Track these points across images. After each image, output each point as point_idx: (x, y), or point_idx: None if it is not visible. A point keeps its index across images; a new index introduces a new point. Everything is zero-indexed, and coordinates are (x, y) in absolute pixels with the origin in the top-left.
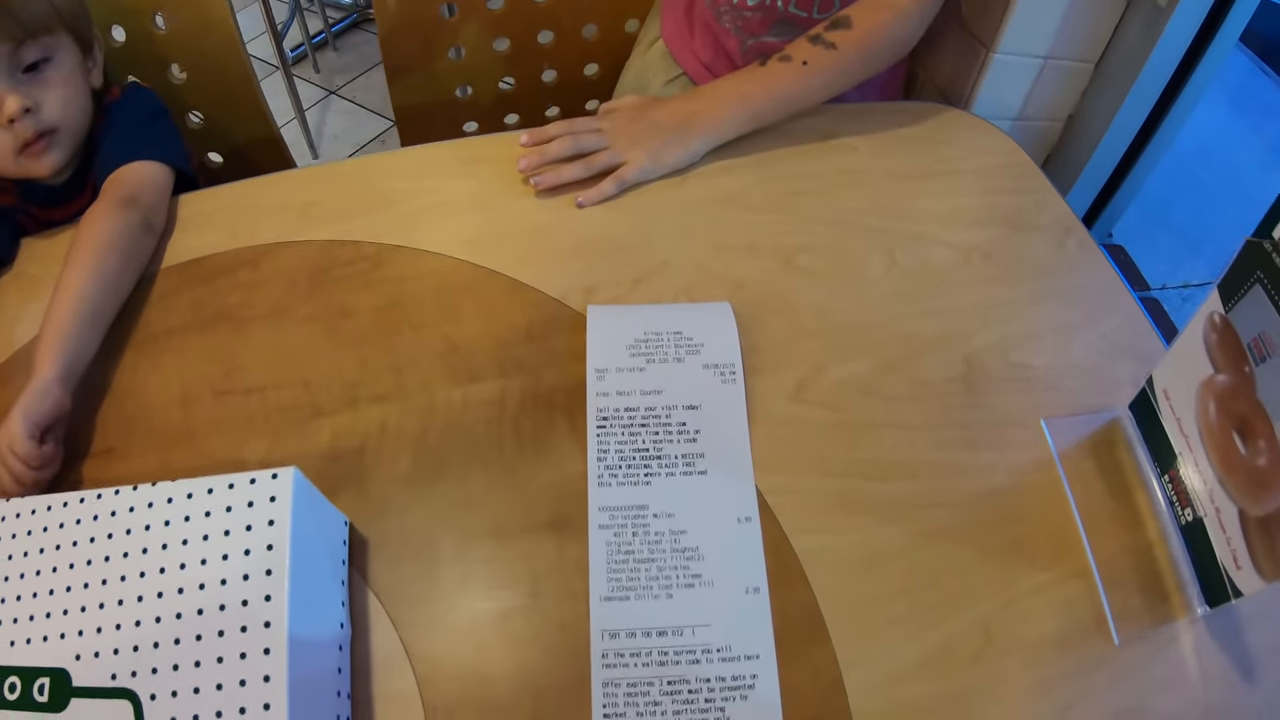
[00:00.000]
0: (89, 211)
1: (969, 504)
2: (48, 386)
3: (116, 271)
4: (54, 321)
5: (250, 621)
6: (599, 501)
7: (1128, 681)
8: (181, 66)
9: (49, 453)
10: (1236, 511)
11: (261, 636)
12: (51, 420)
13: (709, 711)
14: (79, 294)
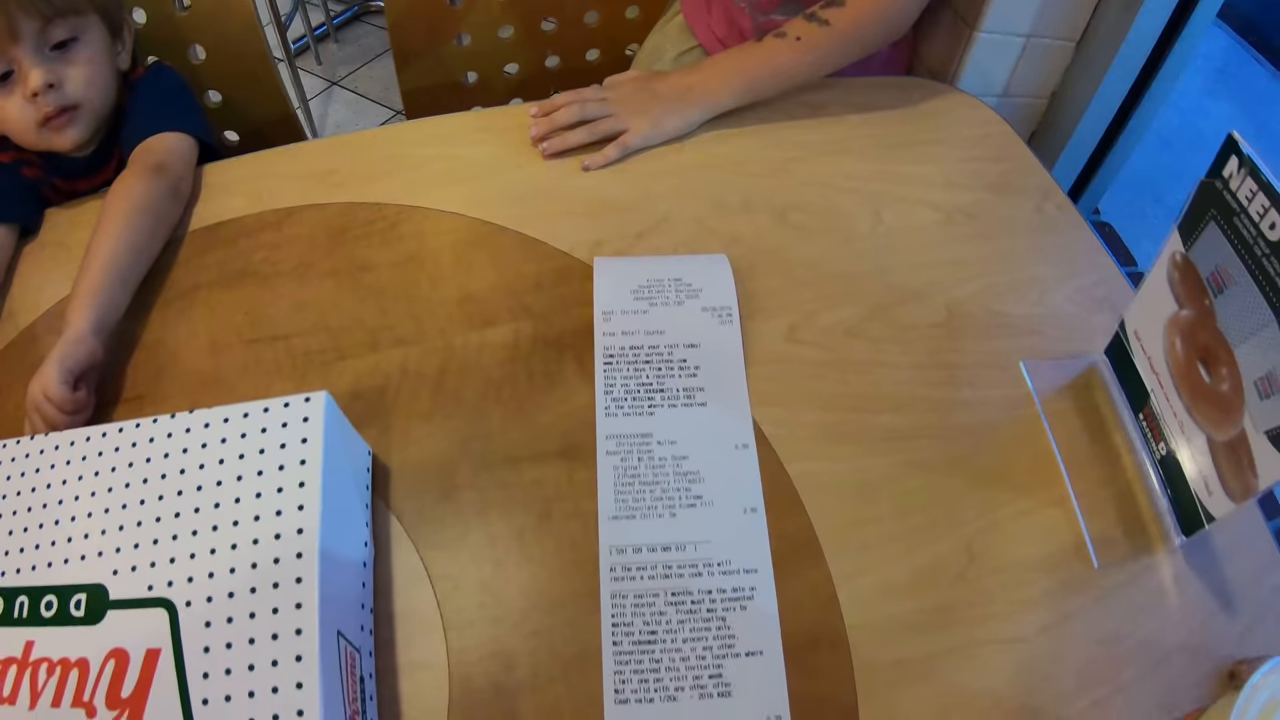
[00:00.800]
0: (120, 178)
1: (952, 436)
2: (81, 336)
3: (146, 233)
4: (86, 279)
5: (284, 529)
6: (606, 431)
7: (1108, 604)
8: (202, 47)
9: (81, 399)
10: (1205, 440)
11: (294, 542)
12: (85, 368)
13: (711, 621)
14: (110, 254)
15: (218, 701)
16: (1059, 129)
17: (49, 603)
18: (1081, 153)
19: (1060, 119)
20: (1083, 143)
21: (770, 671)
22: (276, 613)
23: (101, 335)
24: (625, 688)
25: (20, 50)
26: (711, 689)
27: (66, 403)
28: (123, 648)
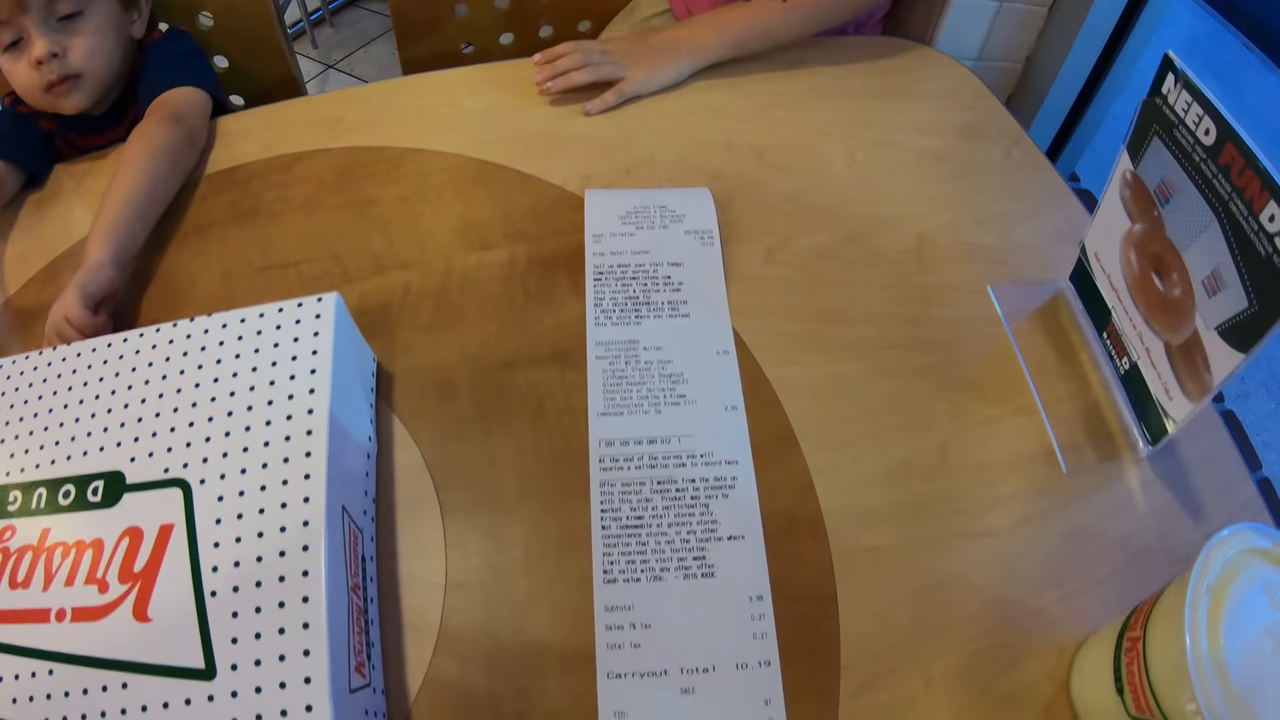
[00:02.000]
0: (139, 126)
1: (922, 348)
2: (101, 264)
3: (163, 176)
4: (106, 214)
5: (295, 411)
6: (595, 338)
7: (1078, 506)
8: (210, 13)
9: (100, 323)
10: (1163, 346)
11: (304, 421)
12: (104, 294)
13: (694, 507)
14: (129, 192)
15: (227, 567)
16: (1034, 92)
17: (66, 491)
18: (1056, 115)
19: (1035, 82)
20: (1057, 105)
21: (751, 554)
22: (286, 484)
23: (120, 266)
24: (614, 568)
25: (28, 19)
26: (695, 570)
27: (86, 326)
28: (137, 526)
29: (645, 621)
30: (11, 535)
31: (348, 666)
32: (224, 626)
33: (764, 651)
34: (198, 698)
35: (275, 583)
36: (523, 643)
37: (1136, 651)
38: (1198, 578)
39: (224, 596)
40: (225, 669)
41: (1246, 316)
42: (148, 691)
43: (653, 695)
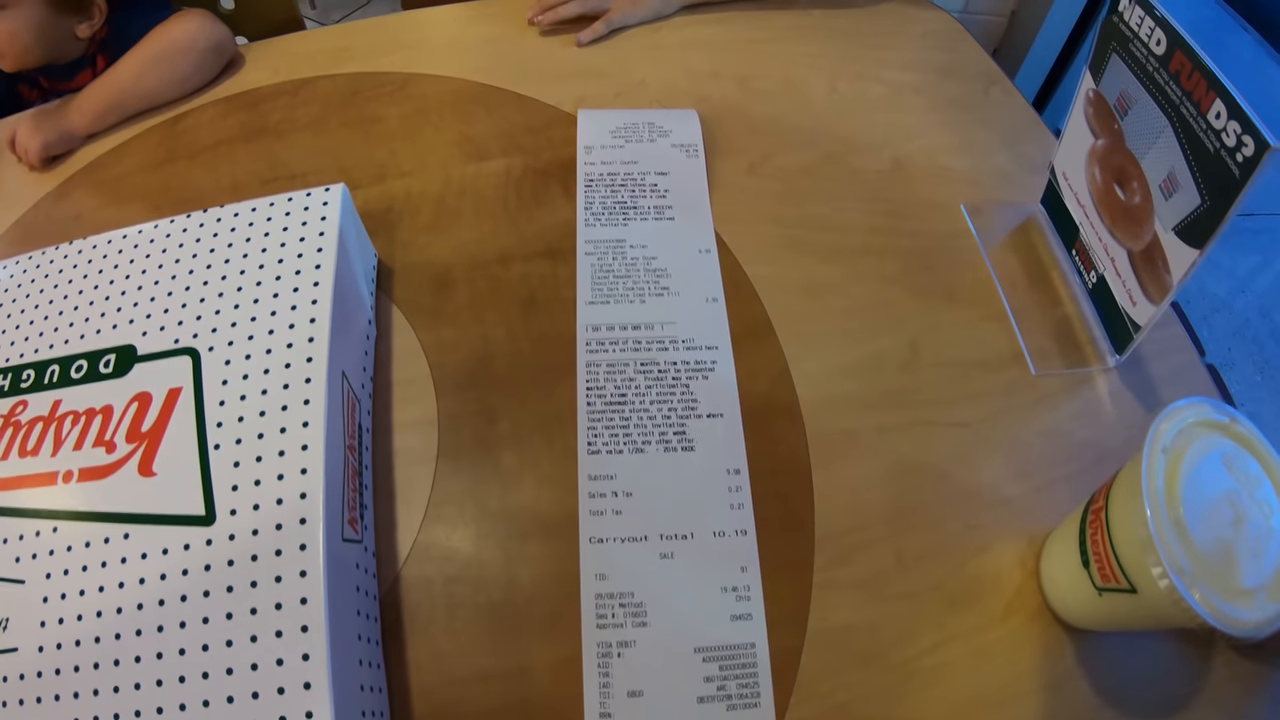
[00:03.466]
0: (158, 27)
1: (896, 256)
2: (76, 137)
3: (163, 82)
4: (104, 99)
5: (302, 284)
6: (585, 237)
7: (1046, 406)
8: None
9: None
10: (1126, 255)
11: (310, 292)
12: (61, 153)
13: (675, 387)
14: (121, 89)
15: (231, 422)
16: (1019, 45)
17: (79, 366)
18: (1041, 67)
19: (1020, 35)
20: (1041, 57)
21: (730, 431)
22: (291, 347)
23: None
24: (597, 440)
25: None
26: (676, 444)
27: (35, 168)
28: (147, 391)
29: (627, 490)
30: (24, 409)
31: (341, 517)
32: (225, 476)
33: (741, 521)
34: (196, 542)
35: (276, 434)
36: (509, 509)
37: (1100, 522)
38: (1153, 439)
39: (227, 449)
40: (224, 514)
41: (1200, 212)
42: (148, 540)
43: (633, 559)
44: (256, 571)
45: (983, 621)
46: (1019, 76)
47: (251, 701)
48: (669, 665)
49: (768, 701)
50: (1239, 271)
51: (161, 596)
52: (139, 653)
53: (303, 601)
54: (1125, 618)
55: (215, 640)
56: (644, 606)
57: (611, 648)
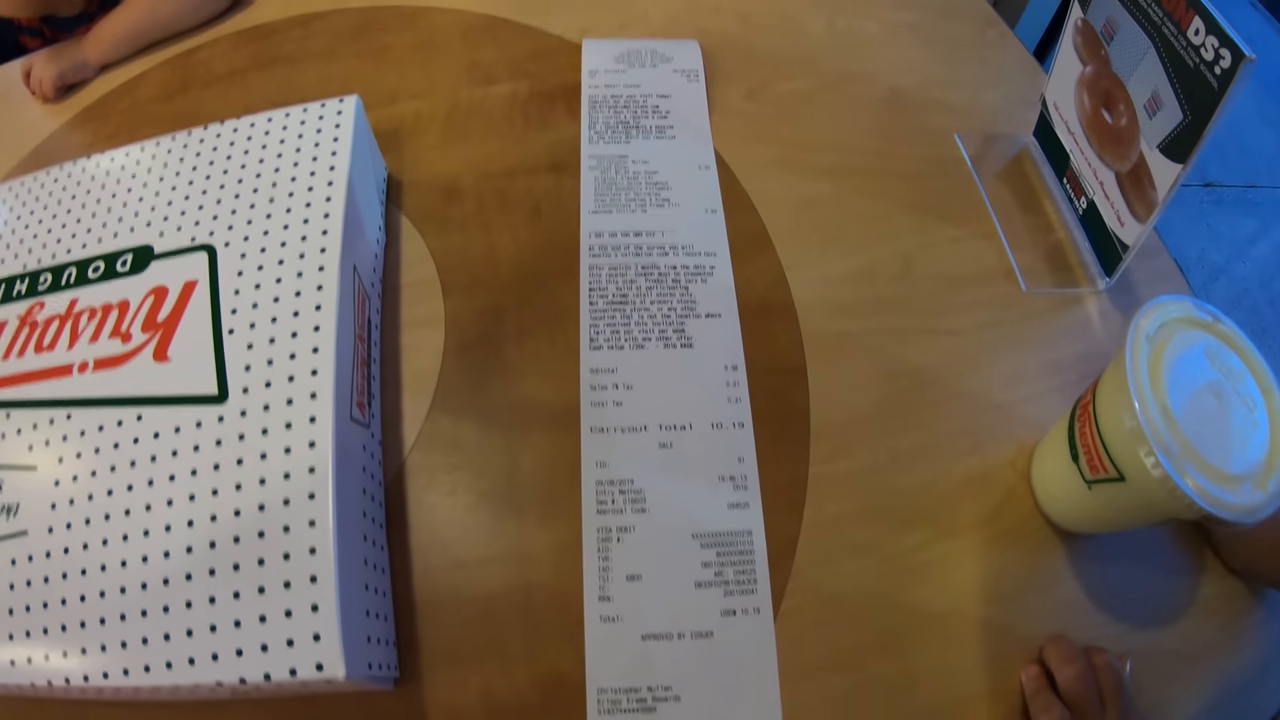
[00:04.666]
0: None
1: (891, 176)
2: (92, 67)
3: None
4: (120, 30)
5: (316, 184)
6: (589, 153)
7: (1037, 321)
8: None
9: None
10: (1114, 177)
11: (324, 190)
12: (75, 83)
13: (675, 289)
14: (145, 21)
15: (245, 309)
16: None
17: (96, 267)
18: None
19: None
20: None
21: (728, 330)
22: (305, 240)
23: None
24: (599, 337)
25: None
26: (675, 341)
27: (49, 100)
28: (163, 284)
29: (628, 383)
30: (40, 310)
31: (350, 398)
32: (239, 357)
33: (738, 414)
34: (208, 420)
35: (290, 318)
36: (512, 401)
37: (1088, 414)
38: (1136, 327)
39: (241, 333)
40: (236, 392)
41: (1183, 127)
42: (161, 420)
43: (633, 448)
44: (266, 444)
45: (974, 520)
46: (1018, 28)
47: (257, 568)
48: (667, 550)
49: (764, 588)
50: (1238, 240)
51: (172, 472)
52: (148, 526)
53: (310, 470)
54: (1114, 510)
55: (224, 511)
56: (643, 493)
57: (611, 533)
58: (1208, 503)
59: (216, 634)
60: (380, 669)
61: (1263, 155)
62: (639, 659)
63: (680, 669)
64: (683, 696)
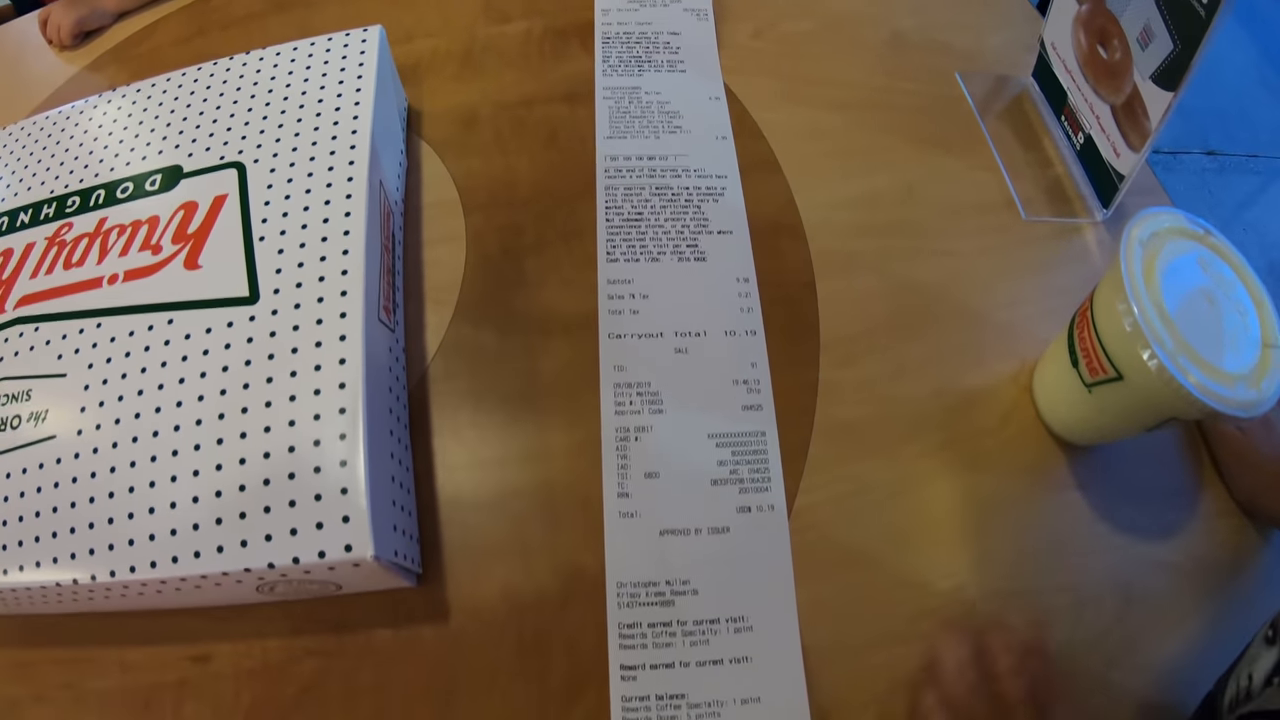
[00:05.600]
0: None
1: (893, 110)
2: (110, 14)
3: None
4: None
5: (343, 105)
6: (603, 85)
7: (1037, 247)
8: None
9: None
10: (1109, 110)
11: (350, 109)
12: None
13: (688, 208)
14: None
15: (275, 218)
16: None
17: (124, 188)
18: None
19: None
20: None
21: (739, 246)
22: (334, 154)
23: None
24: (615, 250)
25: None
26: (689, 255)
27: (66, 47)
28: (193, 200)
29: (644, 293)
30: (69, 230)
31: (377, 301)
32: (269, 261)
33: (751, 323)
34: (239, 319)
35: (320, 224)
36: (532, 309)
37: (1086, 320)
38: (1130, 232)
39: (271, 240)
40: (268, 293)
41: (1173, 57)
42: (192, 322)
43: (649, 352)
44: (298, 339)
45: (980, 428)
46: None
47: (288, 455)
48: (684, 449)
49: (778, 485)
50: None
51: (204, 369)
52: (179, 422)
53: (341, 362)
54: (1114, 413)
55: (255, 403)
56: (660, 395)
57: (629, 433)
58: (1204, 395)
59: (246, 520)
60: (405, 560)
61: (1265, 125)
62: (657, 553)
63: (697, 563)
64: (700, 590)
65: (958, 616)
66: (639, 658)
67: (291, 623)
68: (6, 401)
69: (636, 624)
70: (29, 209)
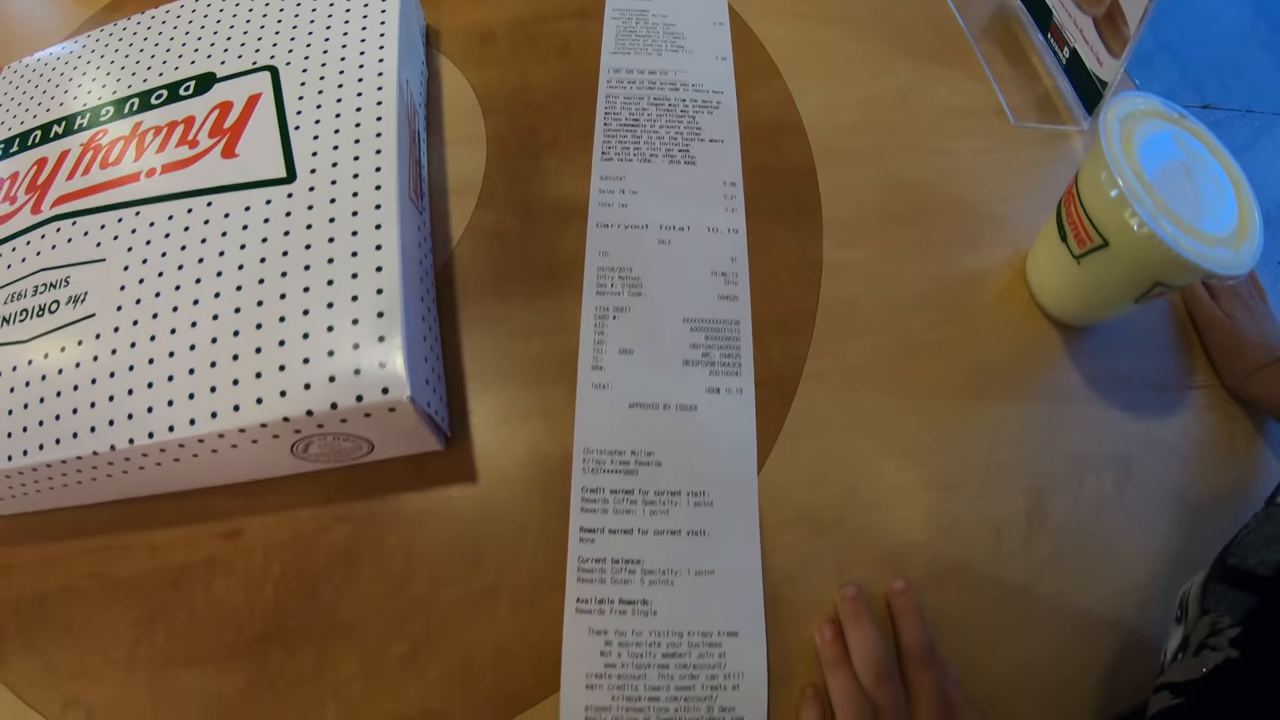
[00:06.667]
0: None
1: (886, 26)
2: None
3: None
4: None
5: (370, 10)
6: (612, 5)
7: (1026, 149)
8: None
9: None
10: (1091, 22)
11: (377, 16)
12: None
13: (683, 117)
14: None
15: (309, 109)
16: None
17: (159, 95)
18: None
19: None
20: None
21: (729, 153)
22: (363, 54)
23: None
24: (610, 150)
25: None
26: (680, 159)
27: None
28: (228, 100)
29: (633, 189)
30: (104, 135)
31: (408, 183)
32: (305, 145)
33: (734, 222)
34: (277, 198)
35: (352, 112)
36: (549, 198)
37: (1072, 195)
38: (1108, 110)
39: (306, 129)
40: (304, 173)
41: None
42: (231, 203)
43: (633, 242)
44: (335, 210)
45: (977, 305)
46: None
47: (326, 335)
48: (658, 330)
49: (748, 371)
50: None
51: (243, 242)
52: (219, 289)
53: (377, 227)
54: (1103, 282)
55: (293, 289)
56: (640, 280)
57: (608, 313)
58: (1184, 250)
59: (285, 372)
60: (435, 414)
61: (1261, 81)
62: (625, 424)
63: (663, 436)
64: (664, 462)
65: (949, 488)
66: (599, 521)
67: (323, 492)
68: (44, 289)
69: (599, 489)
70: (61, 121)
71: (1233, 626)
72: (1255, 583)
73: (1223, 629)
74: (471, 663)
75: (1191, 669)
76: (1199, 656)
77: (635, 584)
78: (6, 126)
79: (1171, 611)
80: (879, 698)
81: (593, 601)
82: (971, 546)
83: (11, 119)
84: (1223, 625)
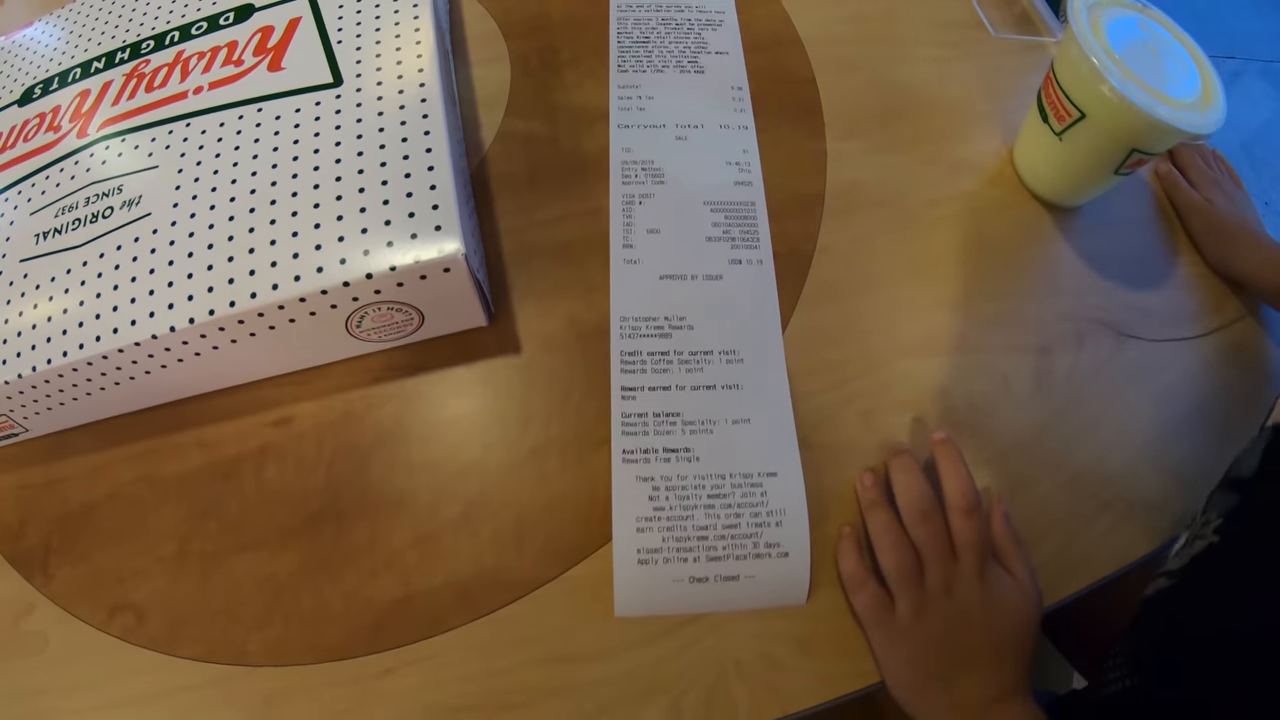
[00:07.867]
0: None
1: None
2: None
3: None
4: None
5: None
6: None
7: (1007, 60)
8: None
9: None
10: None
11: None
12: None
13: (690, 33)
14: None
15: (350, 25)
16: None
17: (199, 26)
18: None
19: None
20: None
21: (735, 62)
22: None
23: None
24: (625, 64)
25: None
26: (689, 68)
27: None
28: (269, 24)
29: (649, 95)
30: (147, 65)
31: (450, 88)
32: (349, 55)
33: (743, 120)
34: (326, 100)
35: (392, 25)
36: (573, 104)
37: (1050, 79)
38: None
39: (348, 42)
40: (350, 78)
41: None
42: (281, 108)
43: (653, 139)
44: (384, 105)
45: (974, 187)
46: None
47: (380, 169)
48: (682, 212)
49: (765, 245)
50: None
51: (295, 139)
52: (275, 179)
53: (424, 117)
54: (1084, 154)
55: (348, 190)
56: (661, 170)
57: (634, 199)
58: (1154, 112)
59: (344, 243)
60: (484, 284)
61: (1240, 27)
62: (657, 293)
63: (693, 303)
64: (695, 326)
65: (958, 340)
66: (639, 380)
67: (371, 375)
68: (95, 199)
69: (637, 352)
70: (102, 58)
71: (1219, 518)
72: (1239, 484)
73: (1211, 522)
74: (524, 519)
75: (1183, 558)
76: (1190, 547)
77: (677, 433)
78: (42, 68)
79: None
80: (920, 535)
81: (638, 451)
82: (984, 396)
83: (47, 61)
84: (1212, 520)
